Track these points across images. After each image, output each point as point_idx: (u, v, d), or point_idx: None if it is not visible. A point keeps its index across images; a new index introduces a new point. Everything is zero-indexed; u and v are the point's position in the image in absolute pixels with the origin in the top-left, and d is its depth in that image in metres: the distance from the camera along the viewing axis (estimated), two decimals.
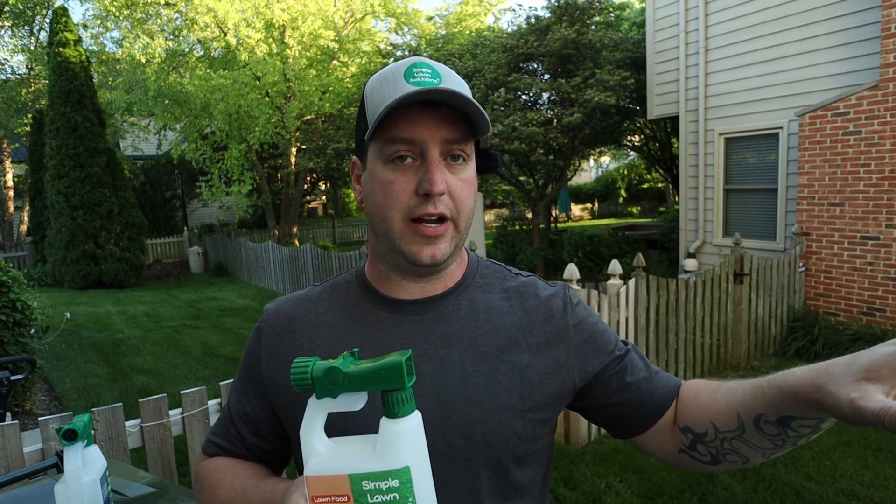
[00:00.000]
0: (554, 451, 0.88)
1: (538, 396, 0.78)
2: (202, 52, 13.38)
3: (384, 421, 0.58)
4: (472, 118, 0.72)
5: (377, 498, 0.57)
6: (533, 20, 8.69)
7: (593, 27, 8.53)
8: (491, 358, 0.77)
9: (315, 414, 0.60)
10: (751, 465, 0.74)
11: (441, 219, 0.73)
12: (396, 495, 0.56)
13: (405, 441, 0.57)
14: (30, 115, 13.31)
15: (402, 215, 0.73)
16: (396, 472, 0.56)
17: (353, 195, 24.35)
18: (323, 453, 0.60)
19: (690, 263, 6.85)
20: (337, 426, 0.64)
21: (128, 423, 2.20)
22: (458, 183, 0.74)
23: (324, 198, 25.56)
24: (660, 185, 22.21)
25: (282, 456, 0.89)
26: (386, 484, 0.56)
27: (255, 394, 0.84)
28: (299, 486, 0.62)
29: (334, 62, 12.97)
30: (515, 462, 0.78)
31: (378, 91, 0.74)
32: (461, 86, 0.75)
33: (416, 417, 0.58)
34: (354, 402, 0.59)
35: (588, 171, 27.28)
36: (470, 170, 0.76)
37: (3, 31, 14.38)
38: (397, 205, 0.73)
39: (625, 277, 3.98)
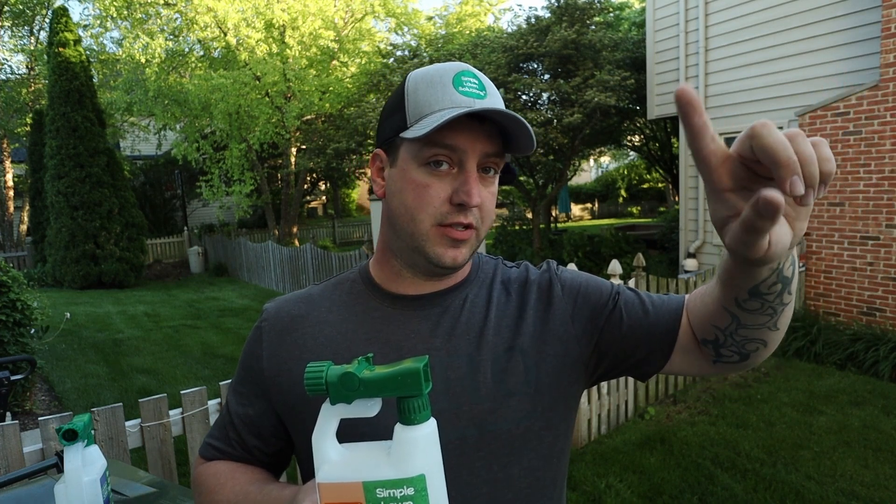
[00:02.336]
0: (571, 437, 0.87)
1: (543, 375, 0.79)
2: (202, 52, 13.40)
3: (399, 427, 0.57)
4: (514, 138, 0.74)
5: None
6: (533, 20, 8.69)
7: (593, 27, 8.52)
8: (496, 347, 0.79)
9: (328, 420, 0.59)
10: (771, 345, 0.73)
11: (468, 226, 0.75)
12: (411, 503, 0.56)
13: (421, 448, 0.56)
14: (30, 115, 13.32)
15: (433, 220, 0.74)
16: (412, 480, 0.56)
17: (353, 195, 24.03)
18: (335, 460, 0.59)
19: (690, 263, 6.85)
20: (349, 425, 0.64)
21: (128, 423, 2.20)
22: (487, 195, 0.76)
23: (324, 198, 25.56)
24: (660, 185, 22.21)
25: (283, 458, 0.88)
26: (401, 492, 0.56)
27: (256, 395, 0.83)
28: (309, 492, 0.62)
29: (334, 62, 12.98)
30: (528, 449, 0.78)
31: (423, 91, 0.74)
32: (500, 99, 0.77)
33: (431, 424, 0.58)
34: (369, 408, 0.59)
35: (588, 171, 27.28)
36: (496, 182, 0.79)
37: (3, 31, 14.38)
38: (429, 209, 0.74)
39: (625, 277, 3.98)
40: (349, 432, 0.62)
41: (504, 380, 0.77)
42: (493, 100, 0.75)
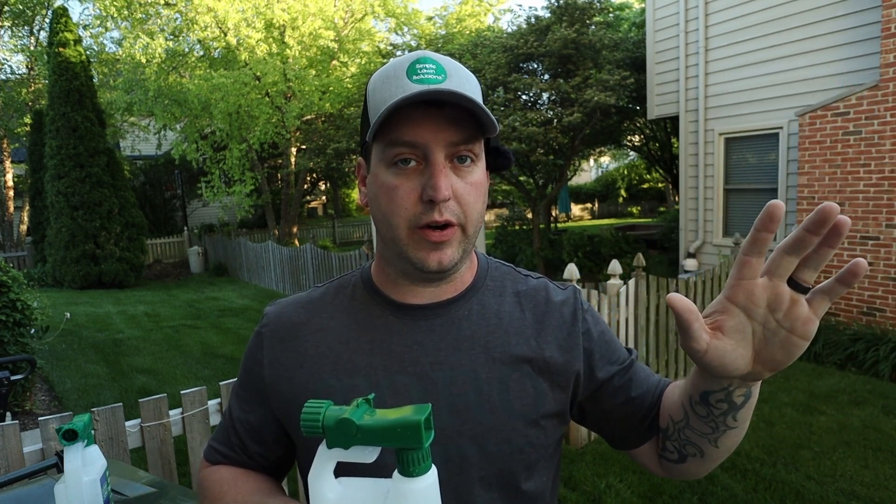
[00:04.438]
0: (561, 457, 0.87)
1: (550, 404, 0.77)
2: (202, 53, 13.39)
3: (398, 477, 0.53)
4: (479, 117, 0.68)
5: None
6: (533, 20, 8.69)
7: (593, 27, 8.52)
8: (503, 365, 0.76)
9: (325, 461, 0.57)
10: (709, 461, 0.76)
11: (447, 224, 0.70)
12: None
13: (419, 502, 0.53)
14: (30, 115, 13.31)
15: (407, 223, 0.70)
16: None
17: (353, 195, 24.09)
18: (332, 500, 0.57)
19: (690, 263, 6.84)
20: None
21: (128, 423, 2.19)
22: (465, 186, 0.70)
23: (324, 198, 25.57)
24: (660, 185, 22.21)
25: (285, 464, 0.88)
26: None
27: (257, 401, 0.81)
28: None
29: (334, 62, 12.98)
30: (528, 470, 0.77)
31: (380, 89, 0.70)
32: (468, 80, 0.71)
33: (431, 476, 0.54)
34: (367, 454, 0.56)
35: (588, 171, 27.28)
36: (478, 171, 0.72)
37: (3, 31, 14.38)
38: (402, 211, 0.70)
39: (625, 277, 3.98)
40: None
41: (510, 400, 0.75)
42: (453, 82, 0.69)
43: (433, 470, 0.54)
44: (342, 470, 0.58)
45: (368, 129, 0.71)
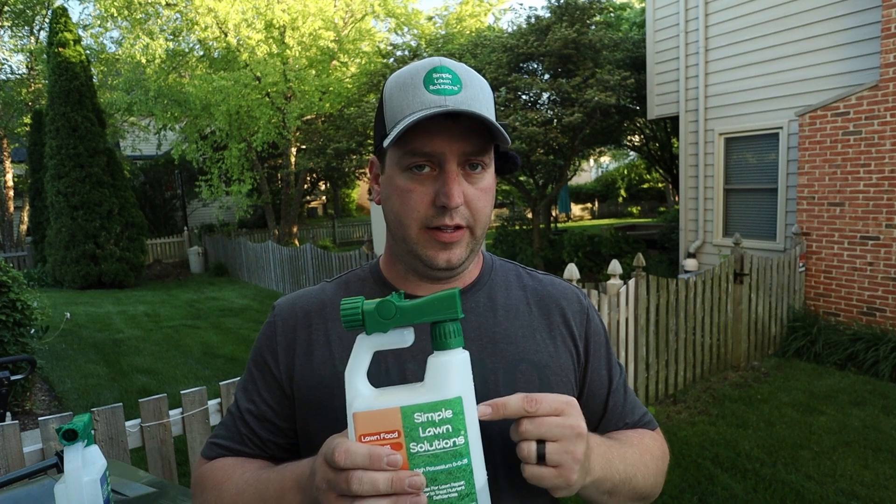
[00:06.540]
0: None
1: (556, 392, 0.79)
2: (202, 53, 13.39)
3: (433, 355, 0.58)
4: (492, 129, 0.72)
5: (429, 431, 0.55)
6: (533, 20, 8.69)
7: (593, 27, 8.52)
8: (509, 356, 0.79)
9: (362, 353, 0.60)
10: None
11: (457, 227, 0.74)
12: (449, 427, 0.56)
13: (456, 372, 0.57)
14: (30, 116, 13.32)
15: (419, 224, 0.74)
16: (449, 403, 0.56)
17: (353, 195, 23.95)
18: (368, 395, 0.59)
19: (690, 263, 6.84)
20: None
21: (128, 423, 2.20)
22: (476, 192, 0.74)
23: (324, 198, 25.55)
24: (660, 185, 22.21)
25: (294, 454, 0.88)
26: (439, 415, 0.56)
27: (270, 389, 0.83)
28: (335, 437, 0.61)
29: (334, 62, 12.98)
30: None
31: (397, 96, 0.73)
32: (482, 90, 0.75)
33: (465, 353, 0.59)
34: (405, 337, 0.60)
35: (588, 171, 27.27)
36: (488, 177, 0.76)
37: (3, 31, 14.38)
38: (414, 213, 0.73)
39: (625, 277, 3.98)
40: None
41: (515, 390, 0.76)
42: (469, 93, 0.72)
43: (466, 351, 0.60)
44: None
45: (384, 134, 0.74)
